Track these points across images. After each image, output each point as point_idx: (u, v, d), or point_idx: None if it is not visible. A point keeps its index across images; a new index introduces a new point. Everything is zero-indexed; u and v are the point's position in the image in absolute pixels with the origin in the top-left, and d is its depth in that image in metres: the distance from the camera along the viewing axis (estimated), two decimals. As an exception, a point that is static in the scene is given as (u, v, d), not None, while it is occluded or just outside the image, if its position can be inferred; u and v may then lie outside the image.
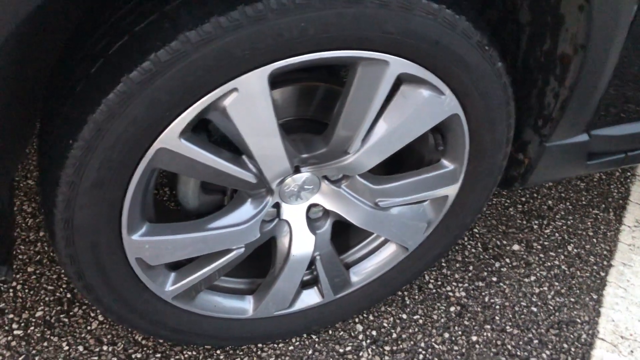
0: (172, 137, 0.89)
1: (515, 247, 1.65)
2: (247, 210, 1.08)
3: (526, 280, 1.56)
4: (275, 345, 1.37)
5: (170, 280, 1.13)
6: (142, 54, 0.81)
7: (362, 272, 1.33)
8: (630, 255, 1.65)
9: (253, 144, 0.94)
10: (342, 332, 1.40)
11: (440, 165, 1.18)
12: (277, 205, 1.14)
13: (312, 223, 1.19)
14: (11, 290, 1.42)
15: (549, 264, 1.61)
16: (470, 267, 1.58)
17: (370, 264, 1.33)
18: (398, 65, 0.93)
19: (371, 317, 1.44)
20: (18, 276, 1.45)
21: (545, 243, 1.67)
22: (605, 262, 1.62)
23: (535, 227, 1.71)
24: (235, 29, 0.80)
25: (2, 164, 1.01)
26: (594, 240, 1.69)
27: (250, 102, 0.89)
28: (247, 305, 1.27)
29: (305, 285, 1.31)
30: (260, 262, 1.26)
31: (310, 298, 1.31)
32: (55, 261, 1.49)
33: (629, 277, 1.59)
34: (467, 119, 1.08)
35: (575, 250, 1.66)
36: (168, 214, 1.40)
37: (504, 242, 1.66)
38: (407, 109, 1.01)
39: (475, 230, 1.68)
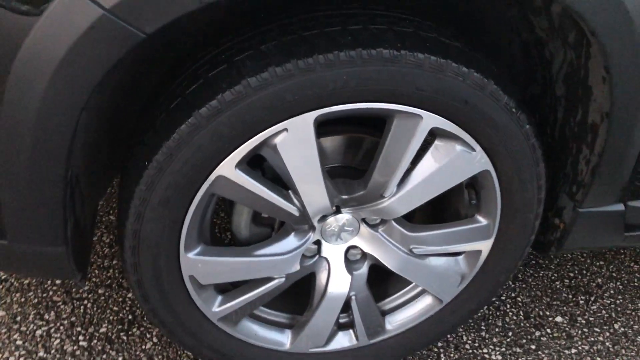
0: (229, 167, 1.04)
1: (559, 318, 1.66)
2: (290, 242, 1.20)
3: (566, 352, 1.56)
4: (310, 384, 1.43)
5: (217, 302, 1.25)
6: (211, 94, 0.98)
7: (398, 320, 1.40)
8: (681, 340, 1.61)
9: (297, 179, 1.08)
10: (375, 380, 1.45)
11: (474, 220, 1.26)
12: (318, 243, 1.25)
13: (350, 264, 1.29)
14: (82, 307, 1.59)
15: (592, 339, 1.60)
16: (510, 333, 1.60)
17: (406, 313, 1.40)
18: (430, 120, 1.05)
19: (405, 369, 1.48)
20: (90, 295, 1.62)
21: (591, 319, 1.66)
22: (653, 344, 1.59)
23: (581, 302, 1.71)
24: (288, 78, 0.97)
25: (93, 189, 1.20)
26: (643, 321, 1.67)
27: (297, 141, 1.03)
28: (284, 339, 1.36)
29: (341, 327, 1.39)
30: (302, 299, 1.36)
31: (345, 340, 1.39)
32: (122, 286, 1.65)
33: (677, 362, 1.55)
34: (498, 176, 1.17)
35: (622, 329, 1.64)
36: (221, 242, 1.54)
37: (547, 312, 1.67)
38: (439, 161, 1.12)
39: (519, 298, 1.70)
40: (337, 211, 1.20)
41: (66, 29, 0.85)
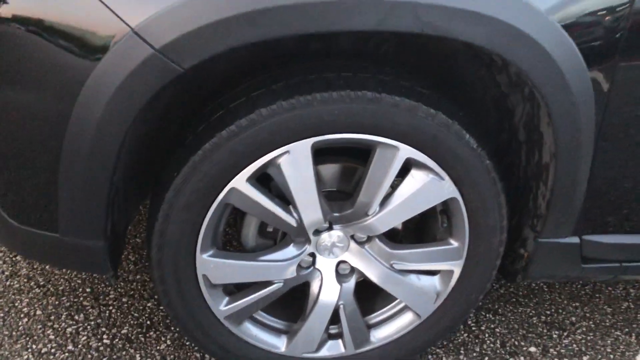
0: (241, 181, 1.29)
1: (532, 349, 1.82)
2: (289, 251, 1.43)
3: (536, 377, 1.72)
4: (301, 387, 1.61)
5: (224, 302, 1.46)
6: (231, 120, 1.24)
7: (382, 333, 1.59)
8: (645, 374, 1.76)
9: (296, 194, 1.32)
10: (360, 388, 1.63)
11: (446, 242, 1.47)
12: (313, 256, 1.48)
13: (340, 277, 1.51)
14: (107, 311, 1.82)
15: (561, 368, 1.76)
16: (486, 358, 1.77)
17: (389, 327, 1.59)
18: (406, 151, 1.30)
19: (387, 381, 1.65)
20: (115, 302, 1.85)
21: (562, 351, 1.82)
22: (618, 376, 1.74)
23: (554, 336, 1.87)
24: (291, 110, 1.23)
25: (130, 197, 1.46)
26: (611, 356, 1.82)
27: (297, 162, 1.28)
28: (280, 343, 1.56)
29: (331, 337, 1.59)
30: (297, 310, 1.56)
31: (334, 348, 1.58)
32: (143, 297, 1.88)
33: (639, 392, 1.69)
34: (465, 204, 1.40)
35: (590, 361, 1.79)
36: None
37: (522, 343, 1.84)
38: (414, 187, 1.36)
39: (497, 329, 1.88)
40: (330, 228, 1.43)
41: (124, 63, 1.13)
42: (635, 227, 1.52)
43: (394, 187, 1.37)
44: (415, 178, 1.35)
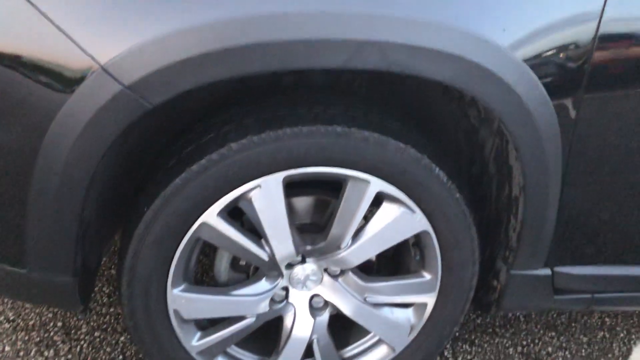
0: (212, 215, 1.29)
1: (508, 380, 1.82)
2: (262, 285, 1.42)
3: (513, 409, 1.71)
4: None
5: (197, 337, 1.45)
6: (201, 155, 1.25)
7: (356, 367, 1.58)
8: (620, 405, 1.76)
9: (268, 228, 1.32)
10: (335, 423, 1.61)
11: (419, 275, 1.48)
12: (286, 290, 1.47)
13: (313, 310, 1.50)
14: (79, 347, 1.78)
15: (538, 399, 1.75)
16: (462, 390, 1.76)
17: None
18: (377, 184, 1.31)
19: (363, 416, 1.63)
20: (87, 336, 1.81)
21: (538, 382, 1.82)
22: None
23: (531, 367, 1.87)
24: (262, 144, 1.23)
25: (101, 232, 1.45)
26: (587, 387, 1.82)
27: (268, 196, 1.28)
28: (254, 378, 1.54)
29: (305, 372, 1.57)
30: (270, 344, 1.55)
31: (309, 382, 1.57)
32: (116, 331, 1.85)
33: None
34: (437, 237, 1.40)
35: (567, 392, 1.79)
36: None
37: (498, 374, 1.83)
38: (386, 220, 1.36)
39: (474, 361, 1.87)
40: (303, 261, 1.43)
41: (93, 99, 1.13)
42: (607, 258, 1.53)
43: (367, 219, 1.37)
44: (387, 211, 1.36)
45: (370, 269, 1.56)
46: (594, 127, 1.32)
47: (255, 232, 1.36)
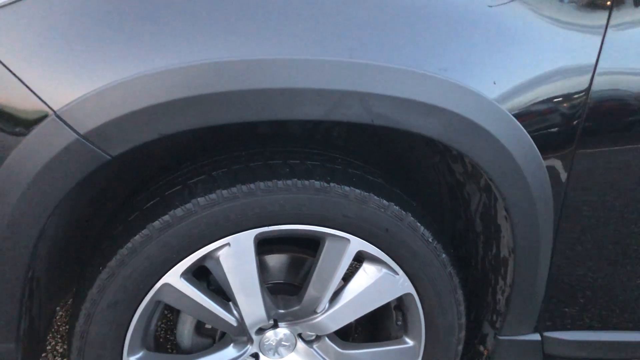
0: (175, 276, 1.16)
1: None
2: (229, 352, 1.29)
3: None
4: None
5: (156, 411, 1.30)
6: (165, 210, 1.13)
7: None
8: None
9: (237, 291, 1.20)
10: None
11: (401, 341, 1.36)
12: (256, 356, 1.34)
13: (286, 379, 1.37)
14: (24, 415, 1.61)
15: None
16: None
17: None
18: (357, 243, 1.20)
19: None
20: (34, 403, 1.64)
21: None
22: None
23: None
24: (232, 199, 1.12)
25: (51, 293, 1.31)
26: None
27: (238, 256, 1.17)
28: None
29: None
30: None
31: None
32: (68, 396, 1.68)
33: None
34: (421, 300, 1.30)
35: None
36: (164, 348, 1.60)
37: None
38: (367, 282, 1.25)
39: None
40: (275, 325, 1.30)
41: (45, 148, 1.02)
42: (598, 323, 1.45)
43: (346, 280, 1.27)
44: (368, 272, 1.26)
45: (348, 334, 1.45)
46: (587, 185, 1.25)
47: (223, 294, 1.24)
